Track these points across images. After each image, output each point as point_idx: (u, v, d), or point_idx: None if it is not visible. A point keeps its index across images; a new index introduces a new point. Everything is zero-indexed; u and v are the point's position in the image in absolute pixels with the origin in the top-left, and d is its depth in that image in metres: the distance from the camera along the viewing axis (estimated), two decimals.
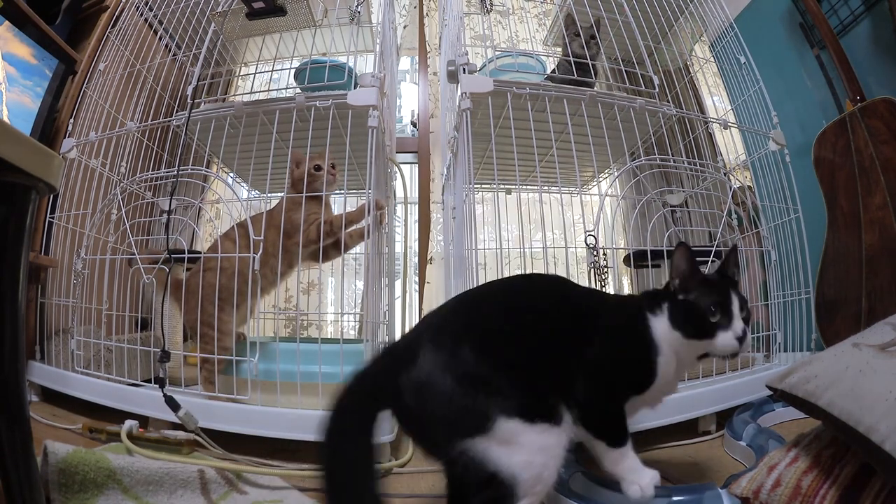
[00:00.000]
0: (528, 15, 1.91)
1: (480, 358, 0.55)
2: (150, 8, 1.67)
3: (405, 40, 2.48)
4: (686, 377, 1.20)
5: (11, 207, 0.53)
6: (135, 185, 1.39)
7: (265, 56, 1.68)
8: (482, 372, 0.54)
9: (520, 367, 0.56)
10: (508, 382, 0.54)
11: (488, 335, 0.58)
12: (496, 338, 0.58)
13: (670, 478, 0.84)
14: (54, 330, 1.42)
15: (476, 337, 0.57)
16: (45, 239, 1.49)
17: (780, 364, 1.27)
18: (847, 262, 1.47)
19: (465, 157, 1.16)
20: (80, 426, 1.08)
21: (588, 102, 1.23)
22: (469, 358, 0.54)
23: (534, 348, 0.58)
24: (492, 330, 0.59)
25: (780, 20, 1.88)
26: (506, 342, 0.58)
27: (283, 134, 1.26)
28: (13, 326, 0.53)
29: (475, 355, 0.55)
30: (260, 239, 1.15)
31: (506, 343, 0.58)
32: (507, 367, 0.55)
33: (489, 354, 0.55)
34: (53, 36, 1.55)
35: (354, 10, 1.49)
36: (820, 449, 0.60)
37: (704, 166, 1.38)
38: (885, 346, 0.59)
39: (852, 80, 1.55)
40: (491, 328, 0.59)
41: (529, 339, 0.59)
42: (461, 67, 1.18)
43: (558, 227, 1.41)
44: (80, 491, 0.71)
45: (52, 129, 1.57)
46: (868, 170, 1.45)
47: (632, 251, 1.56)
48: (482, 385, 0.53)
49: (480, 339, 0.56)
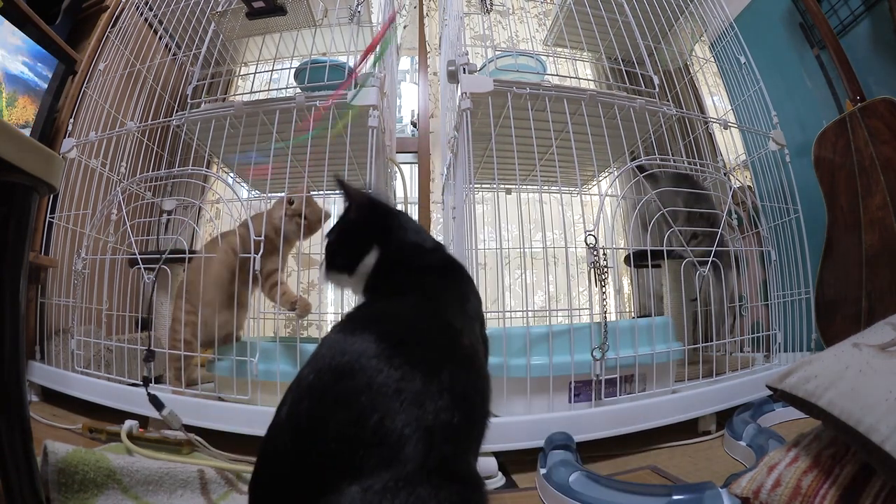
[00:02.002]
0: (528, 15, 1.91)
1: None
2: (150, 8, 1.67)
3: (405, 40, 2.48)
4: (686, 377, 1.21)
5: (12, 207, 0.53)
6: (135, 186, 1.39)
7: (265, 56, 1.68)
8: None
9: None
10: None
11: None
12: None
13: (670, 478, 0.84)
14: (54, 330, 1.42)
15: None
16: (45, 239, 1.49)
17: (780, 364, 1.28)
18: (847, 262, 1.47)
19: (465, 157, 1.16)
20: (80, 426, 1.08)
21: (588, 102, 1.23)
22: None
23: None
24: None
25: (780, 20, 1.88)
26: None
27: (282, 134, 1.26)
28: (13, 326, 0.53)
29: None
30: (260, 239, 1.15)
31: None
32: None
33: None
34: (53, 36, 1.55)
35: (354, 10, 1.49)
36: (820, 449, 0.60)
37: (704, 166, 1.38)
38: (885, 346, 0.59)
39: (852, 80, 1.55)
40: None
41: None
42: (461, 67, 1.18)
43: (558, 227, 1.42)
44: (80, 491, 0.70)
45: (52, 129, 1.57)
46: (868, 170, 1.45)
47: (632, 251, 1.56)
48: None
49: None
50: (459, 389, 0.44)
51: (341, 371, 0.44)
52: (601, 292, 1.03)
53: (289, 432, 0.43)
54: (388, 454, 0.39)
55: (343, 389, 0.42)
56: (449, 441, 0.41)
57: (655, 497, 0.66)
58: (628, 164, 1.24)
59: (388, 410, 0.40)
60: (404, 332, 0.49)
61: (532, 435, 0.92)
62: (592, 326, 1.03)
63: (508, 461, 0.95)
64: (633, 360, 1.04)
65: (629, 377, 1.05)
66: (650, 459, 0.95)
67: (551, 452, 0.84)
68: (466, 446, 0.44)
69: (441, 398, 0.42)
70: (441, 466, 0.40)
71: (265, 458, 0.45)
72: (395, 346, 0.45)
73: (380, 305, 0.59)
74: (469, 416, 0.45)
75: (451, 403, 0.43)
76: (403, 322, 0.51)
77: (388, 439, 0.39)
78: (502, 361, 1.00)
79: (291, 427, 0.43)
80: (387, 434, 0.39)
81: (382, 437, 0.39)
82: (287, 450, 0.43)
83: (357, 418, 0.40)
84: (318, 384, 0.44)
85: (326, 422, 0.41)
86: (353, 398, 0.41)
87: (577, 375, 1.01)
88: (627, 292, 2.13)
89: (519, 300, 1.62)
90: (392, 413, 0.40)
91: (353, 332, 0.47)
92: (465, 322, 0.57)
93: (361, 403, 0.41)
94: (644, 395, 1.05)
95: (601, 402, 1.01)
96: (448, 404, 0.42)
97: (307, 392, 0.44)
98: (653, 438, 1.01)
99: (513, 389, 1.00)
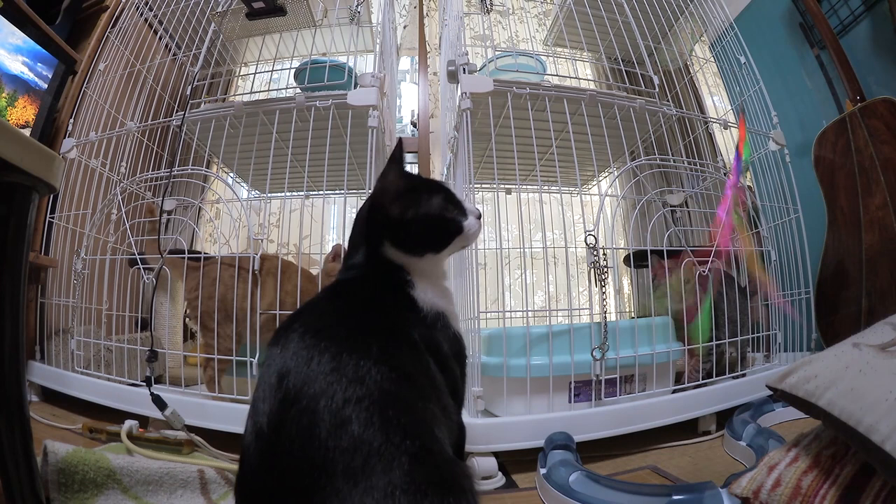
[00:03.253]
0: (528, 15, 1.91)
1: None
2: (150, 8, 1.67)
3: (405, 40, 2.47)
4: (686, 379, 1.21)
5: (11, 207, 0.53)
6: (135, 185, 1.39)
7: (265, 56, 1.68)
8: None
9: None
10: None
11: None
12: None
13: (670, 478, 0.84)
14: (54, 330, 1.42)
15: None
16: (45, 239, 1.49)
17: (780, 364, 1.28)
18: (847, 262, 1.47)
19: (465, 157, 1.16)
20: (80, 426, 1.08)
21: (588, 102, 1.23)
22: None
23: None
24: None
25: (780, 20, 1.89)
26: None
27: (282, 134, 1.25)
28: (13, 326, 0.53)
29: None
30: (260, 239, 1.16)
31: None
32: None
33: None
34: (53, 36, 1.55)
35: (354, 10, 1.49)
36: (820, 449, 0.60)
37: (704, 166, 1.38)
38: (885, 346, 0.59)
39: (852, 80, 1.55)
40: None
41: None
42: (461, 67, 1.18)
43: (558, 226, 1.42)
44: (80, 491, 0.71)
45: (52, 129, 1.57)
46: (868, 170, 1.45)
47: (632, 251, 1.56)
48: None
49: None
50: (394, 362, 0.45)
51: (280, 377, 0.44)
52: (601, 292, 1.03)
53: (255, 448, 0.44)
54: (350, 443, 0.39)
55: (287, 396, 0.43)
56: (403, 412, 0.42)
57: (655, 497, 0.66)
58: (628, 164, 1.24)
59: (335, 400, 0.41)
60: (322, 320, 0.50)
61: (532, 435, 0.92)
62: (592, 326, 1.03)
63: (508, 461, 0.95)
64: (633, 360, 1.04)
65: (629, 377, 1.05)
66: (650, 459, 0.95)
67: (551, 452, 0.84)
68: (424, 417, 0.44)
69: (378, 371, 0.43)
70: (407, 441, 0.40)
71: (240, 479, 0.46)
72: (317, 334, 0.46)
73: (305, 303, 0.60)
74: (414, 386, 0.46)
75: (390, 375, 0.44)
76: (320, 311, 0.53)
77: (345, 428, 0.40)
78: (502, 361, 1.00)
79: (257, 442, 0.44)
80: (342, 422, 0.40)
81: (339, 425, 0.40)
82: (256, 466, 0.43)
83: (308, 418, 0.41)
84: (261, 396, 0.45)
85: (284, 430, 0.42)
86: (297, 397, 0.42)
87: (577, 375, 1.01)
88: (627, 292, 2.13)
89: (519, 300, 1.62)
90: (338, 401, 0.41)
91: (285, 335, 0.49)
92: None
93: (307, 405, 0.42)
94: (644, 395, 1.05)
95: (601, 402, 1.01)
96: (387, 375, 0.43)
97: (257, 410, 0.45)
98: (653, 438, 1.01)
99: (513, 389, 1.00)
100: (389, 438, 0.39)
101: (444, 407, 0.50)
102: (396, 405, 0.42)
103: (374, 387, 0.42)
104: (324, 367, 0.43)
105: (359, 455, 0.38)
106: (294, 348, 0.46)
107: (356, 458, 0.38)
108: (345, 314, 0.53)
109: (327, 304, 0.57)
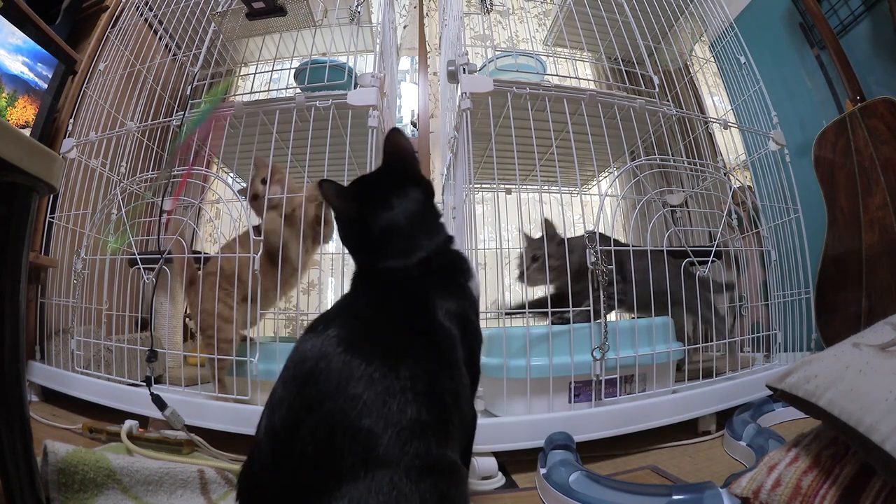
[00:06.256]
0: (528, 15, 1.91)
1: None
2: (150, 8, 1.67)
3: (405, 40, 2.47)
4: (686, 377, 1.21)
5: (12, 207, 0.53)
6: (135, 186, 1.39)
7: (265, 56, 1.68)
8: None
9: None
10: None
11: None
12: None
13: (670, 478, 0.84)
14: (54, 330, 1.42)
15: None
16: (45, 239, 1.49)
17: (780, 364, 1.28)
18: (847, 262, 1.47)
19: (465, 157, 1.16)
20: (80, 426, 1.08)
21: (588, 102, 1.23)
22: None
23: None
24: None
25: (780, 20, 1.88)
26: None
27: (282, 134, 1.25)
28: (13, 326, 0.53)
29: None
30: (260, 239, 1.16)
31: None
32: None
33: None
34: (53, 36, 1.54)
35: (354, 10, 1.49)
36: (820, 449, 0.60)
37: (704, 166, 1.38)
38: (885, 346, 0.59)
39: (852, 80, 1.55)
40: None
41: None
42: (461, 67, 1.18)
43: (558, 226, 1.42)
44: (80, 491, 0.70)
45: (52, 129, 1.57)
46: (868, 170, 1.45)
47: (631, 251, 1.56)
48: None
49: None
50: (421, 387, 0.45)
51: (304, 378, 0.45)
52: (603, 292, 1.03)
53: (268, 446, 0.44)
54: (364, 455, 0.40)
55: (308, 397, 0.43)
56: (418, 437, 0.42)
57: (655, 497, 0.66)
58: (628, 164, 1.24)
59: (357, 412, 0.41)
60: (362, 331, 0.49)
61: (532, 435, 0.92)
62: (592, 326, 1.03)
63: (508, 461, 0.94)
64: (633, 360, 1.04)
65: (629, 377, 1.05)
66: (650, 459, 0.95)
67: (551, 452, 0.83)
68: (442, 439, 0.44)
69: (404, 395, 0.43)
70: (418, 460, 0.40)
71: (247, 477, 0.46)
72: (353, 345, 0.46)
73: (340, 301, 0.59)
74: (439, 411, 0.45)
75: (414, 399, 0.43)
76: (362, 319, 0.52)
77: (360, 441, 0.40)
78: (502, 362, 1.00)
79: (269, 440, 0.44)
80: (358, 435, 0.40)
81: (354, 438, 0.40)
82: (267, 463, 0.43)
83: (327, 424, 0.41)
84: (286, 395, 0.45)
85: (299, 431, 0.42)
86: (319, 405, 0.42)
87: (577, 375, 1.01)
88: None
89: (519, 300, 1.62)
90: (361, 414, 0.41)
91: (316, 333, 0.48)
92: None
93: (329, 408, 0.42)
94: (644, 395, 1.05)
95: (601, 403, 1.01)
96: (412, 399, 0.43)
97: (279, 404, 0.45)
98: (653, 438, 1.01)
99: (513, 390, 1.00)
100: (405, 450, 0.40)
101: (462, 415, 0.50)
102: (414, 427, 0.42)
103: (397, 407, 0.42)
104: (349, 373, 0.44)
105: (371, 467, 0.39)
106: (323, 351, 0.46)
107: (368, 469, 0.39)
108: (381, 319, 0.52)
109: (364, 305, 0.56)
